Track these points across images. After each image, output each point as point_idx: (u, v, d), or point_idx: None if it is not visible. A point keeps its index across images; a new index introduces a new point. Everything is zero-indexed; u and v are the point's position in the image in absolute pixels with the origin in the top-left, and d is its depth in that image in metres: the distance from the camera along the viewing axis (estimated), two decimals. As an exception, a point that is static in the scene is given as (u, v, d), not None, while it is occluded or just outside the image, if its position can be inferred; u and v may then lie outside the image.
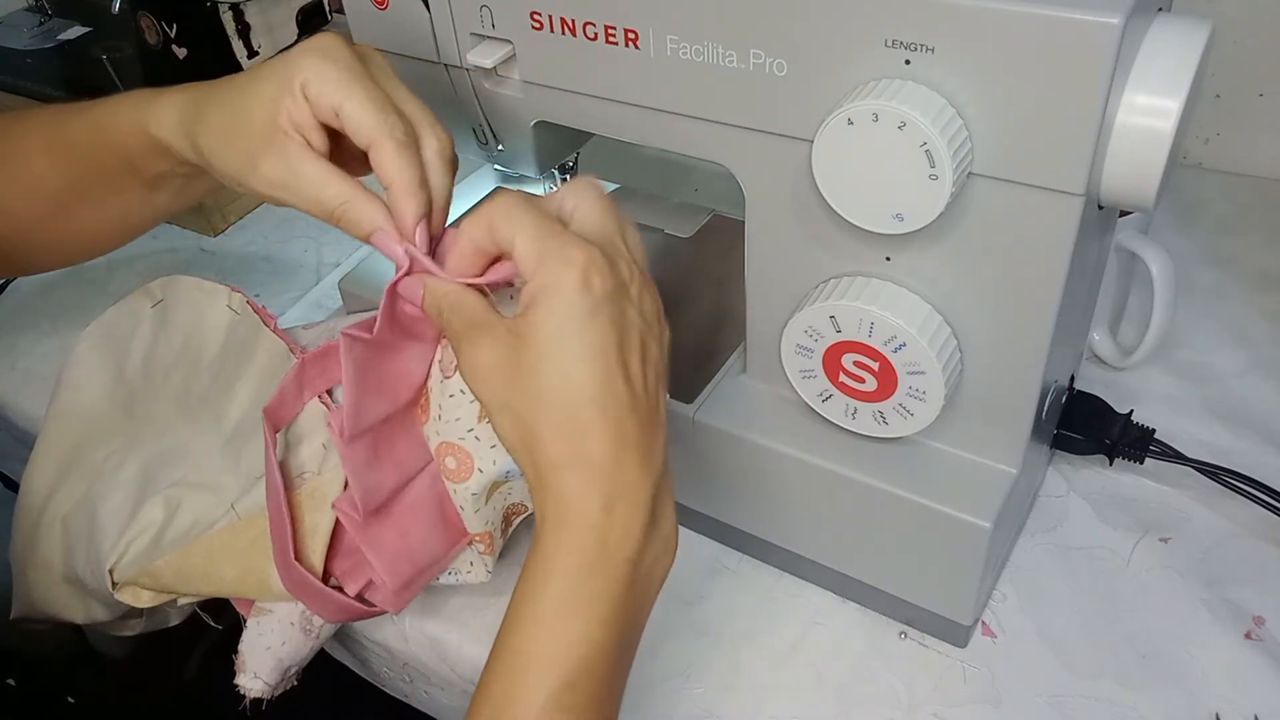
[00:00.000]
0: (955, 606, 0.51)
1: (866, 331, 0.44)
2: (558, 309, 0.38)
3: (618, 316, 0.39)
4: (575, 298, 0.38)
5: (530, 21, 0.48)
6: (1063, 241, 0.40)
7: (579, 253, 0.38)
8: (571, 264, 0.38)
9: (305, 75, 0.42)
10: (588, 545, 0.38)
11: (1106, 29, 0.34)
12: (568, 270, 0.38)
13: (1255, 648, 0.51)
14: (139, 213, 0.52)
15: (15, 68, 0.94)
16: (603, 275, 0.38)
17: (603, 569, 0.38)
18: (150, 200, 0.50)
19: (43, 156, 0.51)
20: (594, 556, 0.38)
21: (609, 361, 0.38)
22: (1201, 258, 0.75)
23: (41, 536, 0.56)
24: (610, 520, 0.38)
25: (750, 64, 0.42)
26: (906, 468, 0.49)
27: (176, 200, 0.50)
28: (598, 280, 0.38)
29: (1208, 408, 0.63)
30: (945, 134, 0.37)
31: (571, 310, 0.38)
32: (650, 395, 0.40)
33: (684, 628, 0.55)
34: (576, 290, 0.38)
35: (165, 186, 0.49)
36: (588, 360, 0.38)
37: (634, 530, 0.38)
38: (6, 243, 0.54)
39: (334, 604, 0.49)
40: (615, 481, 0.38)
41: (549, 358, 0.38)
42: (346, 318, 0.59)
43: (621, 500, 0.38)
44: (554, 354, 0.38)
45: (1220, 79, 0.79)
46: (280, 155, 0.43)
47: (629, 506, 0.38)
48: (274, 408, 0.50)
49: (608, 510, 0.38)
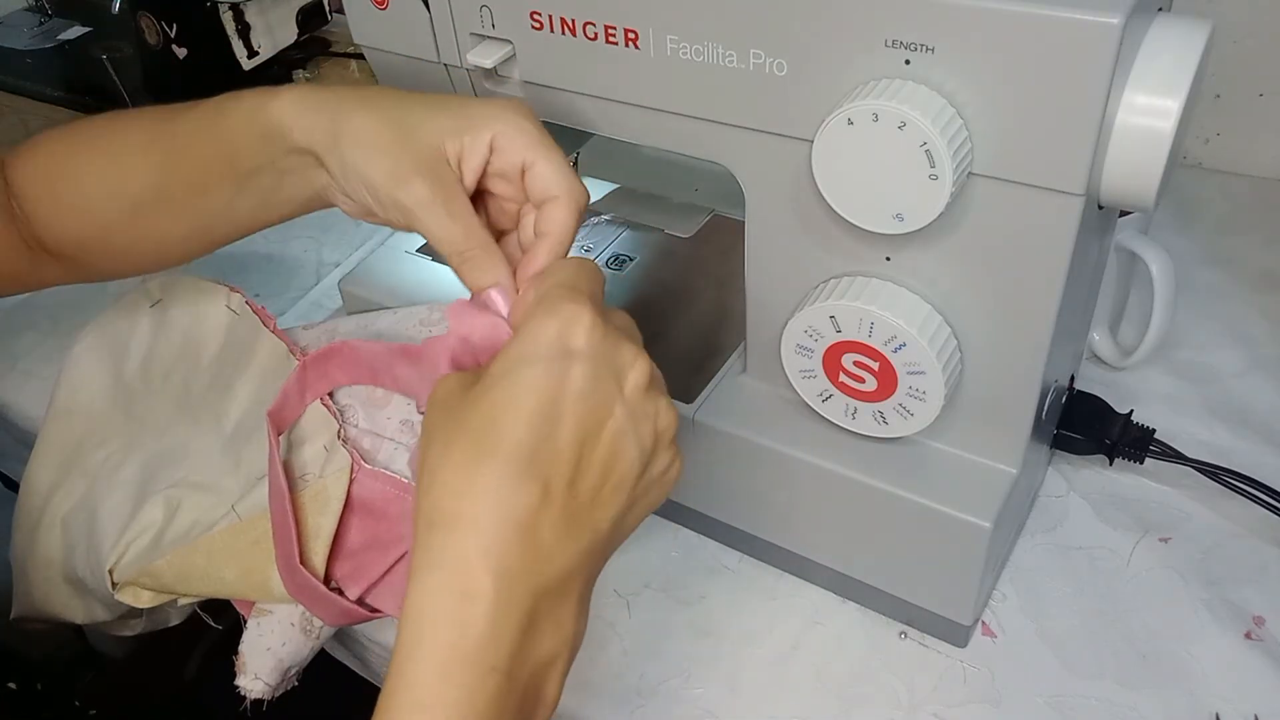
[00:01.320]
0: (955, 606, 0.51)
1: (866, 331, 0.44)
2: (522, 346, 0.36)
3: (590, 383, 0.35)
4: (546, 341, 0.35)
5: (530, 21, 0.48)
6: (1063, 241, 0.40)
7: (572, 306, 0.36)
8: (557, 313, 0.36)
9: (500, 128, 0.43)
10: (442, 642, 0.32)
11: (1106, 29, 0.34)
12: (550, 318, 0.36)
13: (1255, 648, 0.51)
14: (219, 221, 0.51)
15: (15, 68, 0.94)
16: (588, 335, 0.36)
17: (459, 675, 0.32)
18: (234, 205, 0.49)
19: (139, 154, 0.50)
20: (449, 654, 0.32)
21: (548, 416, 0.34)
22: (1201, 258, 0.75)
23: (41, 536, 0.56)
24: (469, 613, 0.32)
25: (750, 64, 0.42)
26: (906, 468, 0.49)
27: (260, 208, 0.50)
28: (580, 335, 0.36)
29: (1208, 408, 0.63)
30: (945, 134, 0.37)
31: (535, 351, 0.35)
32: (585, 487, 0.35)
33: (684, 628, 0.55)
34: (551, 336, 0.36)
35: (256, 186, 0.48)
36: (521, 406, 0.34)
37: (502, 633, 0.32)
38: (81, 246, 0.53)
39: (336, 608, 0.49)
40: (487, 563, 0.32)
41: (484, 396, 0.35)
42: (347, 318, 0.59)
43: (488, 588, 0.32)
44: (493, 389, 0.35)
45: (1220, 79, 0.79)
46: (437, 181, 0.43)
47: (496, 599, 0.32)
48: (277, 411, 0.50)
49: (466, 599, 0.32)
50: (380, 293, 0.65)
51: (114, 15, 0.88)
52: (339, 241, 0.86)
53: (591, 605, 0.55)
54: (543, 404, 0.34)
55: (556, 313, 0.36)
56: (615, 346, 0.37)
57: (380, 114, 0.44)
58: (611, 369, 0.36)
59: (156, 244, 0.53)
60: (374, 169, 0.43)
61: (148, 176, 0.50)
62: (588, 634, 0.37)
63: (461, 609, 0.33)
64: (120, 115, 0.53)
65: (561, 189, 0.43)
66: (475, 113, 0.44)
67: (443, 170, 0.43)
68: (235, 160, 0.47)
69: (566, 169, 0.44)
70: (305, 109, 0.45)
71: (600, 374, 0.35)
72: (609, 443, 0.36)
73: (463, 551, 0.33)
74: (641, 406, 0.37)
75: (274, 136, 0.46)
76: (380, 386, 0.53)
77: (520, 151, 0.43)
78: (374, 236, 0.86)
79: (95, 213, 0.52)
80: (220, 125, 0.47)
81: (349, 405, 0.53)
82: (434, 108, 0.44)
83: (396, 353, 0.52)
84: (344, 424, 0.52)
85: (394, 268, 0.67)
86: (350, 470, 0.50)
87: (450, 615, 0.33)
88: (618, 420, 0.36)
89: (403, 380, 0.53)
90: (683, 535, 0.60)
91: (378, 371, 0.53)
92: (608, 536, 0.37)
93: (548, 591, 0.34)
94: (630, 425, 0.36)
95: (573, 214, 0.43)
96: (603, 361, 0.36)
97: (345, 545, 0.50)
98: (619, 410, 0.36)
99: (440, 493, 0.34)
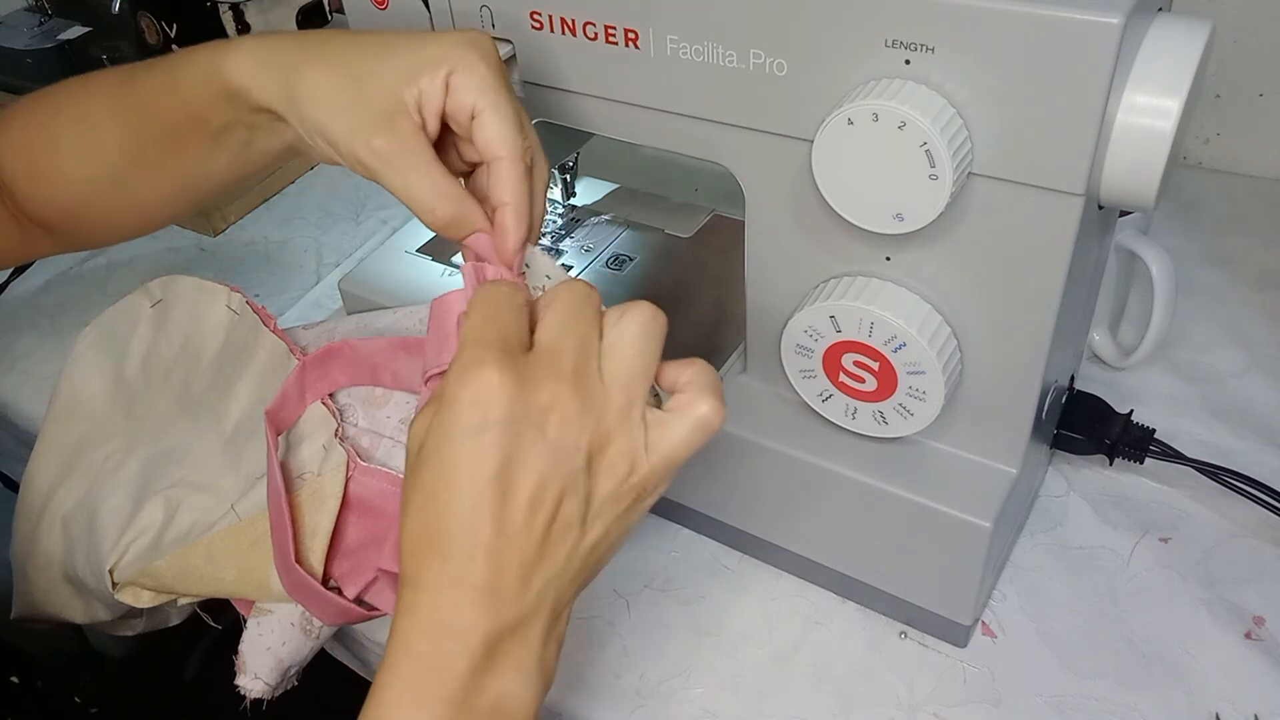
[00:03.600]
0: (955, 606, 0.51)
1: (866, 331, 0.44)
2: (444, 419, 0.36)
3: (507, 449, 0.35)
4: (463, 415, 0.36)
5: (530, 21, 0.48)
6: (1063, 241, 0.40)
7: (480, 372, 0.36)
8: (467, 383, 0.36)
9: (455, 65, 0.41)
10: (405, 672, 0.36)
11: (1106, 29, 0.34)
12: (463, 388, 0.36)
13: (1255, 648, 0.51)
14: (197, 178, 0.50)
15: (15, 68, 0.94)
16: (501, 401, 0.36)
17: (419, 701, 0.36)
18: (210, 161, 0.49)
19: (107, 119, 0.50)
20: (409, 684, 0.36)
21: (474, 492, 0.35)
22: (1201, 258, 0.75)
23: (41, 536, 0.56)
24: (431, 651, 0.36)
25: (750, 64, 0.42)
26: (906, 468, 0.49)
27: (236, 162, 0.49)
28: (493, 404, 0.36)
29: (1208, 408, 0.63)
30: (945, 134, 0.37)
31: (455, 427, 0.36)
32: (525, 541, 0.36)
33: (684, 628, 0.55)
34: (466, 408, 0.36)
35: (227, 143, 0.48)
36: (451, 484, 0.36)
37: (455, 667, 0.36)
38: (66, 215, 0.53)
39: (334, 607, 0.49)
40: (441, 614, 0.36)
41: (424, 466, 0.37)
42: (346, 318, 0.59)
43: (444, 634, 0.36)
44: (428, 463, 0.36)
45: (1220, 79, 0.79)
46: (396, 133, 0.42)
47: (449, 641, 0.36)
48: (275, 410, 0.50)
49: (426, 638, 0.36)
50: (380, 293, 0.65)
51: (114, 15, 0.88)
52: (339, 241, 0.86)
53: (591, 605, 0.56)
54: (469, 481, 0.35)
55: (465, 381, 0.36)
56: (531, 396, 0.36)
57: (333, 67, 0.43)
58: (529, 421, 0.36)
59: (140, 207, 0.53)
60: (332, 127, 0.42)
61: (120, 142, 0.50)
62: (587, 634, 0.37)
63: (421, 648, 0.36)
64: (83, 83, 0.52)
65: (506, 147, 0.42)
66: (430, 51, 0.42)
67: (402, 123, 0.42)
68: (202, 121, 0.47)
69: (512, 122, 0.42)
70: (258, 67, 0.44)
71: (518, 433, 0.36)
72: (538, 492, 0.36)
73: (424, 606, 0.36)
74: (570, 440, 0.37)
75: (234, 97, 0.45)
76: (380, 385, 0.54)
77: (470, 95, 0.42)
78: (374, 236, 0.86)
79: (74, 181, 0.52)
80: (180, 87, 0.47)
81: (348, 404, 0.53)
82: (388, 51, 0.43)
83: (397, 346, 0.52)
84: (343, 423, 0.52)
85: (394, 268, 0.67)
86: (347, 468, 0.50)
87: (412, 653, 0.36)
88: (544, 469, 0.36)
89: (402, 375, 0.53)
90: (683, 535, 0.60)
91: (378, 368, 0.53)
92: (567, 570, 0.37)
93: (503, 634, 0.36)
94: (559, 466, 0.36)
95: (520, 176, 0.42)
96: (519, 420, 0.36)
97: (343, 544, 0.50)
98: (544, 459, 0.36)
99: (407, 553, 0.37)
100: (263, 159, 0.50)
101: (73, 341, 0.58)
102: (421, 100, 0.42)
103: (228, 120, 0.47)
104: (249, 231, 0.88)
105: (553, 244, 0.68)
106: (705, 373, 0.40)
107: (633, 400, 0.38)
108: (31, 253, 0.57)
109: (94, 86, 0.51)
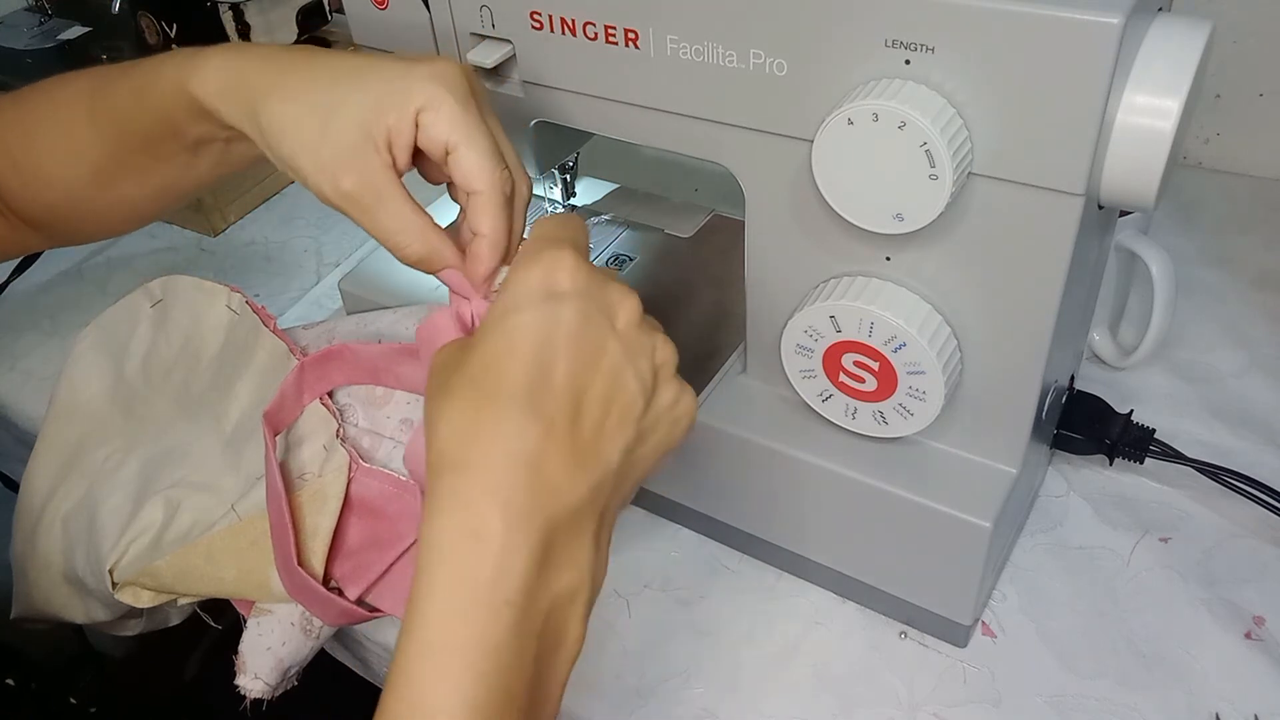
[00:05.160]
0: (955, 606, 0.51)
1: (866, 331, 0.44)
2: (510, 295, 0.36)
3: (581, 320, 0.35)
4: (534, 286, 0.36)
5: (530, 21, 0.48)
6: (1063, 241, 0.40)
7: (554, 252, 0.37)
8: (540, 261, 0.36)
9: (424, 101, 0.41)
10: (453, 581, 0.33)
11: (1106, 29, 0.34)
12: (534, 265, 0.36)
13: (1255, 648, 0.51)
14: (181, 181, 0.50)
15: (15, 68, 0.94)
16: (572, 276, 0.36)
17: (472, 612, 0.32)
18: (192, 167, 0.49)
19: (86, 122, 0.50)
20: (461, 591, 0.32)
21: (544, 356, 0.34)
22: (1201, 258, 0.75)
23: (41, 536, 0.56)
24: (479, 551, 0.33)
25: (750, 64, 0.42)
26: (906, 468, 0.49)
27: (218, 167, 0.49)
28: (564, 277, 0.36)
29: (1208, 408, 0.63)
30: (945, 134, 0.37)
31: (525, 297, 0.35)
32: (589, 422, 0.35)
33: (684, 628, 0.55)
34: (538, 281, 0.36)
35: (207, 152, 0.48)
36: (517, 350, 0.34)
37: (514, 566, 0.33)
38: (51, 212, 0.53)
39: (335, 608, 0.49)
40: (494, 501, 0.33)
41: (479, 345, 0.35)
42: (346, 318, 0.59)
43: (499, 523, 0.33)
44: (487, 338, 0.35)
45: (1220, 79, 0.79)
46: (364, 175, 0.41)
47: (507, 532, 0.33)
48: (274, 411, 0.50)
49: (476, 538, 0.33)
50: (380, 293, 0.65)
51: (114, 15, 0.88)
52: (339, 241, 0.86)
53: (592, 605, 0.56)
54: (537, 346, 0.35)
55: (538, 260, 0.36)
56: (602, 285, 0.37)
57: (299, 99, 0.42)
58: (601, 306, 0.36)
59: (126, 205, 0.53)
60: (299, 164, 0.42)
61: (99, 145, 0.50)
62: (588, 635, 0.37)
63: (472, 548, 0.33)
64: (60, 84, 0.52)
65: (483, 182, 0.41)
66: (400, 85, 0.41)
67: (370, 162, 0.41)
68: (178, 133, 0.47)
69: (488, 155, 0.41)
70: (224, 91, 0.44)
71: (590, 311, 0.36)
72: (607, 377, 0.36)
73: (470, 493, 0.34)
74: (637, 341, 0.37)
75: (205, 114, 0.45)
76: (382, 385, 0.54)
77: (441, 131, 0.41)
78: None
79: (57, 181, 0.51)
80: (151, 100, 0.47)
81: (348, 404, 0.53)
82: (356, 82, 0.42)
83: (399, 352, 0.52)
84: (343, 423, 0.52)
85: (394, 268, 0.67)
86: (348, 469, 0.50)
87: (461, 554, 0.33)
88: (613, 355, 0.36)
89: (405, 377, 0.53)
90: (683, 535, 0.60)
91: (379, 371, 0.53)
92: (619, 470, 0.37)
93: (559, 526, 0.34)
94: (627, 359, 0.37)
95: (500, 208, 0.42)
96: (591, 299, 0.36)
97: (345, 544, 0.50)
98: (613, 345, 0.36)
99: (445, 438, 0.35)
100: (244, 163, 0.50)
101: (73, 341, 0.58)
102: (391, 136, 0.41)
103: (202, 134, 0.47)
104: (249, 231, 0.88)
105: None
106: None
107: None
108: (23, 247, 0.57)
109: (69, 91, 0.51)
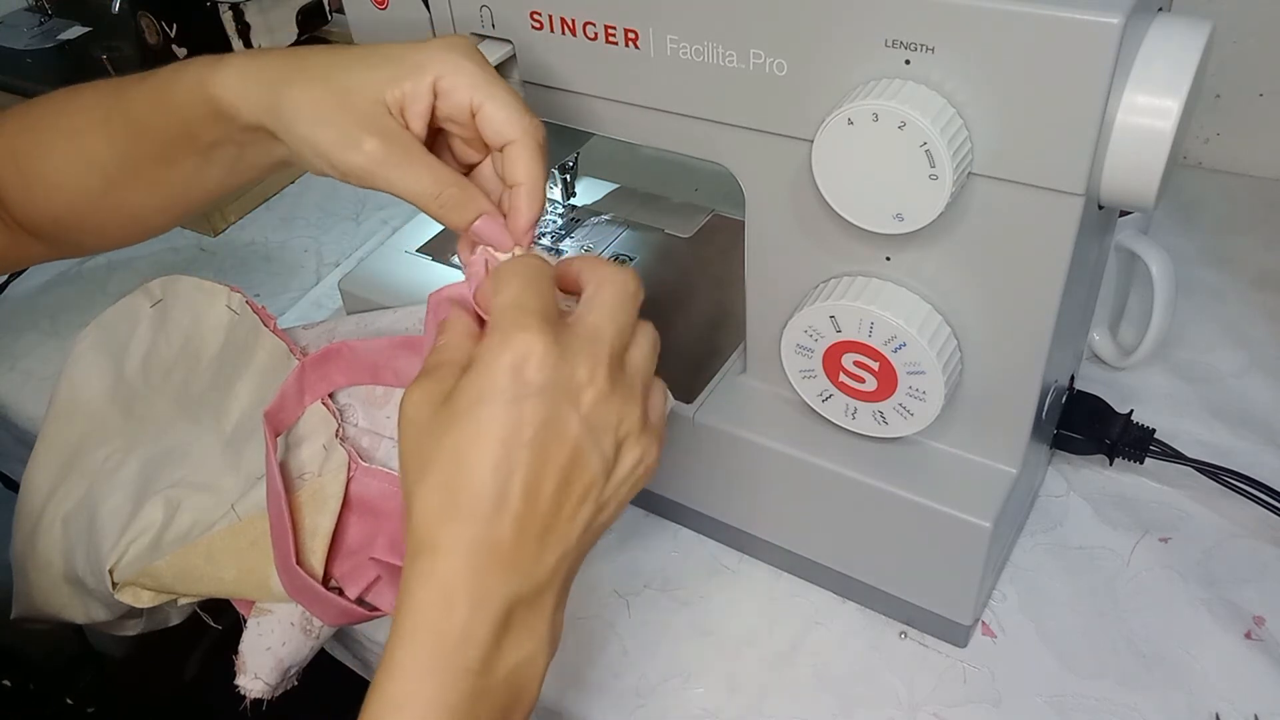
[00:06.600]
0: (955, 606, 0.51)
1: (866, 331, 0.44)
2: (480, 382, 0.37)
3: (544, 416, 0.36)
4: (502, 379, 0.36)
5: (530, 21, 0.48)
6: (1063, 241, 0.40)
7: (524, 337, 0.37)
8: (510, 347, 0.37)
9: (440, 70, 0.42)
10: (422, 642, 0.36)
11: (1106, 29, 0.34)
12: (504, 351, 0.37)
13: (1255, 648, 0.51)
14: (190, 192, 0.51)
15: (15, 68, 0.94)
16: (542, 369, 0.37)
17: (438, 673, 0.35)
18: (202, 174, 0.50)
19: (99, 130, 0.50)
20: (427, 657, 0.36)
21: (508, 456, 0.36)
22: (1201, 258, 0.75)
23: (41, 536, 0.56)
24: (447, 619, 0.36)
25: (750, 64, 0.42)
26: (906, 468, 0.49)
27: (228, 177, 0.50)
28: (533, 369, 0.36)
29: (1208, 408, 0.63)
30: (945, 134, 0.37)
31: (492, 390, 0.36)
32: (550, 510, 0.37)
33: (684, 628, 0.55)
34: (505, 372, 0.36)
35: (219, 158, 0.49)
36: (483, 447, 0.36)
37: (477, 635, 0.36)
38: (57, 223, 0.53)
39: (335, 608, 0.49)
40: (462, 579, 0.36)
41: (452, 429, 0.37)
42: (346, 318, 0.59)
43: (464, 600, 0.36)
44: (458, 425, 0.37)
45: (1220, 79, 0.79)
46: (384, 133, 0.42)
47: (471, 609, 0.36)
48: (274, 411, 0.50)
49: (444, 612, 0.36)
50: (380, 293, 0.65)
51: (114, 15, 0.88)
52: (339, 241, 0.86)
53: (591, 605, 0.56)
54: (502, 442, 0.36)
55: (509, 344, 0.37)
56: (570, 369, 0.37)
57: (317, 81, 0.43)
58: (567, 393, 0.37)
59: (132, 216, 0.53)
60: (321, 139, 0.43)
61: (111, 152, 0.50)
62: (588, 634, 0.38)
63: (440, 619, 0.36)
64: (73, 94, 0.52)
65: (516, 130, 0.43)
66: (413, 59, 0.43)
67: (388, 124, 0.43)
68: (193, 137, 0.48)
69: (517, 106, 0.43)
70: (245, 86, 0.45)
71: (556, 402, 0.37)
72: (570, 465, 0.37)
73: (443, 573, 0.36)
74: (602, 419, 0.38)
75: (223, 115, 0.46)
76: (381, 384, 0.53)
77: (465, 93, 0.42)
78: (374, 236, 0.86)
79: (65, 190, 0.52)
80: (170, 103, 0.47)
81: (348, 404, 0.53)
82: (371, 62, 0.43)
83: (397, 345, 0.52)
84: (343, 423, 0.52)
85: (394, 268, 0.67)
86: (348, 469, 0.50)
87: (430, 624, 0.36)
88: (576, 442, 0.37)
89: (404, 374, 0.53)
90: (683, 535, 0.60)
91: (378, 368, 0.53)
92: (579, 543, 0.39)
93: (521, 601, 0.37)
94: (591, 442, 0.38)
95: (535, 154, 0.43)
96: (558, 390, 0.37)
97: (344, 544, 0.49)
98: (576, 431, 0.37)
99: (418, 521, 0.37)
100: (255, 172, 0.50)
101: (73, 341, 0.58)
102: (405, 102, 0.43)
103: (218, 137, 0.47)
104: (249, 231, 0.88)
105: (553, 244, 0.68)
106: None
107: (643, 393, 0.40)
108: (26, 258, 0.57)
109: (84, 99, 0.52)
